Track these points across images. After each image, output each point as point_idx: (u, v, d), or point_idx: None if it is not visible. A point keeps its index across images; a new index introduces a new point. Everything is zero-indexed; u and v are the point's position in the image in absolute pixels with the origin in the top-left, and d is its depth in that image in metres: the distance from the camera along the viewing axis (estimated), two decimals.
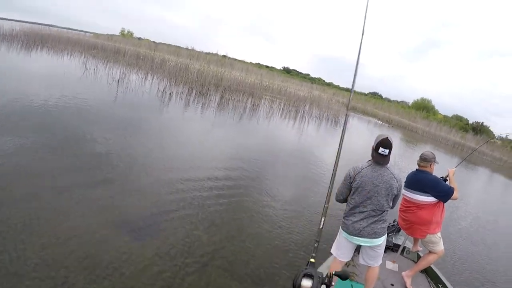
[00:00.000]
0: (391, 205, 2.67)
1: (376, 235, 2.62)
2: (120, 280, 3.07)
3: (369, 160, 2.69)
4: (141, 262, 3.39)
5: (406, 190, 3.37)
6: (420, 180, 3.30)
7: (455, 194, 3.24)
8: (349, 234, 2.68)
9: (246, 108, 16.09)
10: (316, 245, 1.80)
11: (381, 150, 2.54)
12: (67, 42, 20.08)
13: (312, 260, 1.64)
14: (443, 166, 3.79)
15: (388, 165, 2.64)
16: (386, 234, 2.75)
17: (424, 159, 3.35)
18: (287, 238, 4.68)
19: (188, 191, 5.31)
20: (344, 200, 2.80)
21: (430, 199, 3.22)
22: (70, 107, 7.97)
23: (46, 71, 11.76)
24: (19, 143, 5.28)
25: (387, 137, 2.57)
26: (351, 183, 2.66)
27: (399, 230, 4.22)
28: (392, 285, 3.27)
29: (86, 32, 32.00)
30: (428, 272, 3.58)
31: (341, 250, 2.82)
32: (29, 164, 4.76)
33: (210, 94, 17.09)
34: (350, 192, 2.72)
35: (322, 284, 1.42)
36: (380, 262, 2.81)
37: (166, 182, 5.46)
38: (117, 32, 44.55)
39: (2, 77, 9.13)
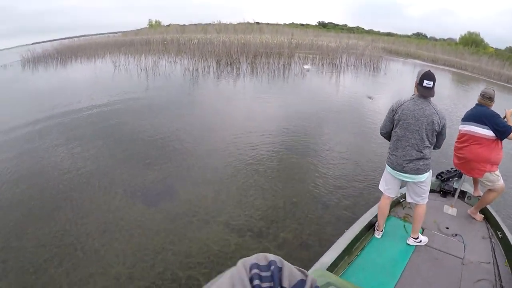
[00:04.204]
0: (434, 141, 2.66)
1: (419, 171, 2.66)
2: (132, 241, 3.31)
3: (413, 95, 2.68)
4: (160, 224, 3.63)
5: (463, 124, 3.30)
6: (479, 112, 3.20)
7: None
8: (393, 169, 2.77)
9: (277, 69, 15.44)
10: None
11: (425, 83, 2.54)
12: (96, 47, 20.83)
13: None
14: (500, 105, 3.42)
15: (432, 99, 2.63)
16: (430, 172, 2.77)
17: (483, 96, 3.23)
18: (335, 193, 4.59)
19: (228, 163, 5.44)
20: (388, 134, 2.85)
21: (488, 133, 3.11)
22: (104, 105, 8.35)
23: (80, 78, 12.35)
24: (59, 152, 5.84)
25: (429, 70, 2.58)
26: (393, 115, 2.70)
27: (460, 176, 4.01)
28: (447, 228, 3.24)
29: (116, 33, 32.92)
30: (488, 218, 3.40)
31: (388, 185, 2.92)
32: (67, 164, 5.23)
33: (238, 63, 16.69)
34: (392, 126, 2.75)
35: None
36: (427, 200, 2.85)
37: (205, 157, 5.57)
38: (145, 24, 45.06)
39: (41, 96, 9.61)
